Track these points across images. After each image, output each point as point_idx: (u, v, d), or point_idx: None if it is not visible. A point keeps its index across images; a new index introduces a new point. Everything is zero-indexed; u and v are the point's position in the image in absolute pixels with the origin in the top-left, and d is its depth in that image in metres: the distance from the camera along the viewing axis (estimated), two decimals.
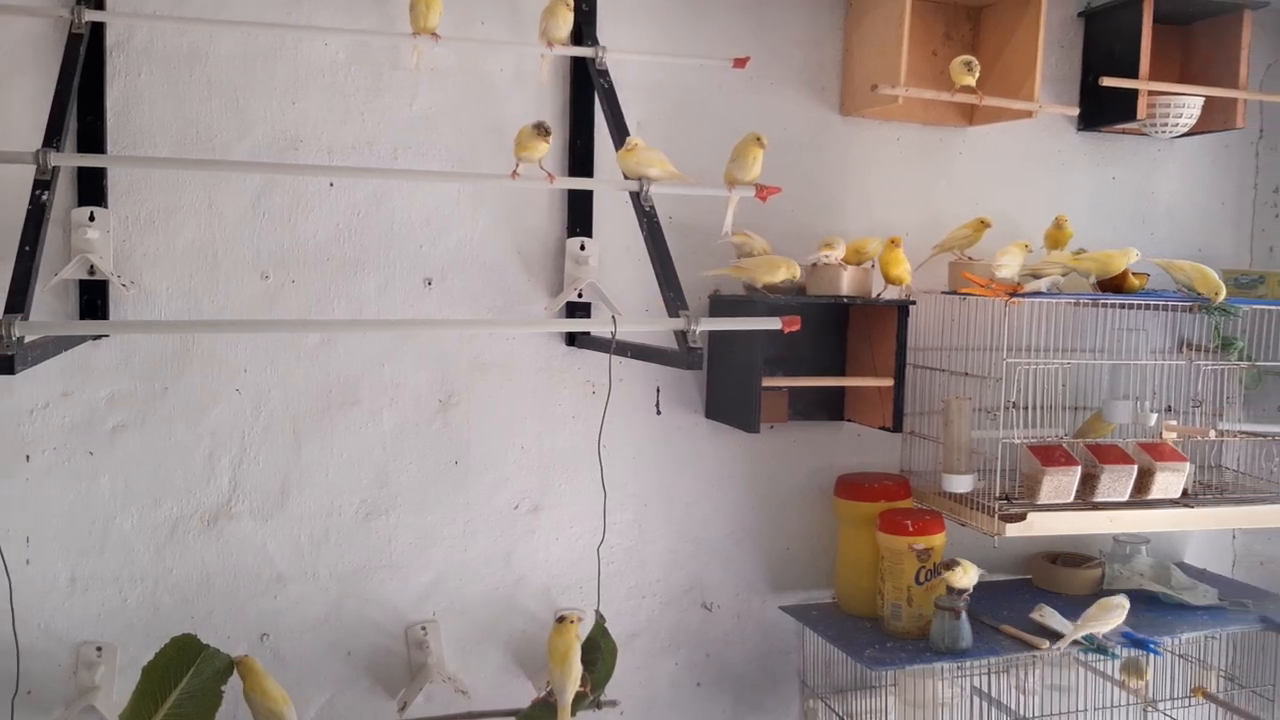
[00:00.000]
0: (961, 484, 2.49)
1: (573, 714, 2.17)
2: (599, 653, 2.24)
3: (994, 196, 2.85)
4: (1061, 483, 2.42)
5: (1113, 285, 2.55)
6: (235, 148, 2.22)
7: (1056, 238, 2.68)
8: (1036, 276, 2.50)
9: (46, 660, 2.16)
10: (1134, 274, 2.56)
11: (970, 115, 2.78)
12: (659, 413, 2.54)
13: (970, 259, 2.64)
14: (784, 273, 2.36)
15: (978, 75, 2.49)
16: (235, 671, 2.01)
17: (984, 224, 2.59)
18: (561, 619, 2.13)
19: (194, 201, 2.20)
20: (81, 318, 2.14)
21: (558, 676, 2.12)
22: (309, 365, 2.30)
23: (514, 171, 1.99)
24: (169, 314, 2.20)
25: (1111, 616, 2.42)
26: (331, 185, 2.29)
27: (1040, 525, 2.41)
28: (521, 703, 2.27)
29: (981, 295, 2.45)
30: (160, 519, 2.23)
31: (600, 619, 2.28)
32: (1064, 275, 2.55)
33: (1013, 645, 2.43)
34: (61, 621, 2.18)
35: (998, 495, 2.43)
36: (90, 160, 2.10)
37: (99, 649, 2.18)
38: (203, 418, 2.24)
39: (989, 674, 2.60)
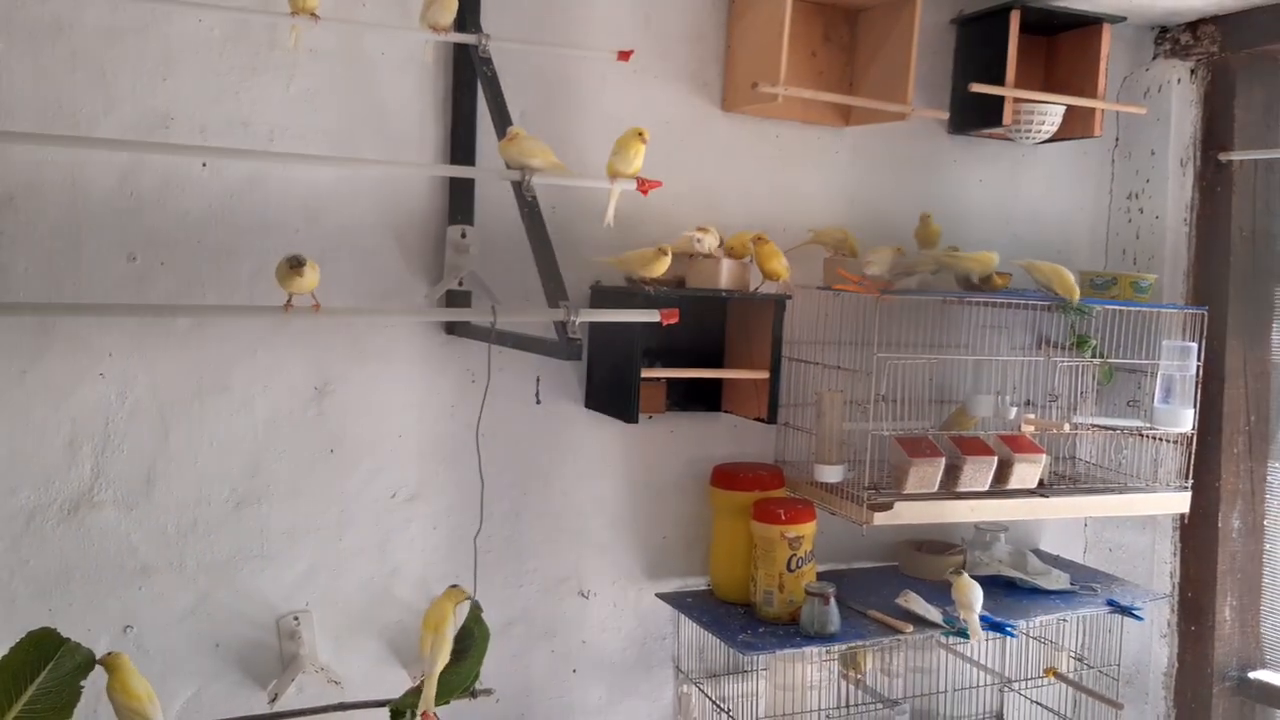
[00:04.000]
0: (833, 474, 2.57)
1: (446, 701, 2.16)
2: (472, 640, 2.24)
3: (869, 195, 2.94)
4: (927, 473, 2.51)
5: (975, 284, 2.65)
6: (101, 124, 2.14)
7: (925, 235, 2.78)
8: (909, 274, 2.59)
9: None
10: (997, 274, 2.66)
11: (847, 116, 2.85)
12: (539, 402, 2.54)
13: (843, 255, 2.72)
14: (659, 267, 2.36)
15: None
16: (98, 666, 1.94)
17: (850, 242, 2.69)
18: (454, 587, 2.11)
19: (56, 179, 2.11)
20: None
21: (428, 644, 2.08)
22: (178, 350, 2.23)
23: (288, 303, 1.82)
24: (28, 295, 2.10)
25: (976, 595, 2.53)
26: (204, 166, 2.22)
27: (907, 514, 2.50)
28: (395, 693, 2.26)
29: (854, 291, 2.53)
30: (16, 508, 2.13)
31: (476, 607, 2.28)
32: (934, 273, 2.64)
33: (879, 629, 2.52)
34: None
35: (867, 485, 2.51)
36: None
37: None
38: (64, 403, 2.15)
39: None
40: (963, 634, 2.53)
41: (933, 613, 2.56)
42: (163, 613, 2.26)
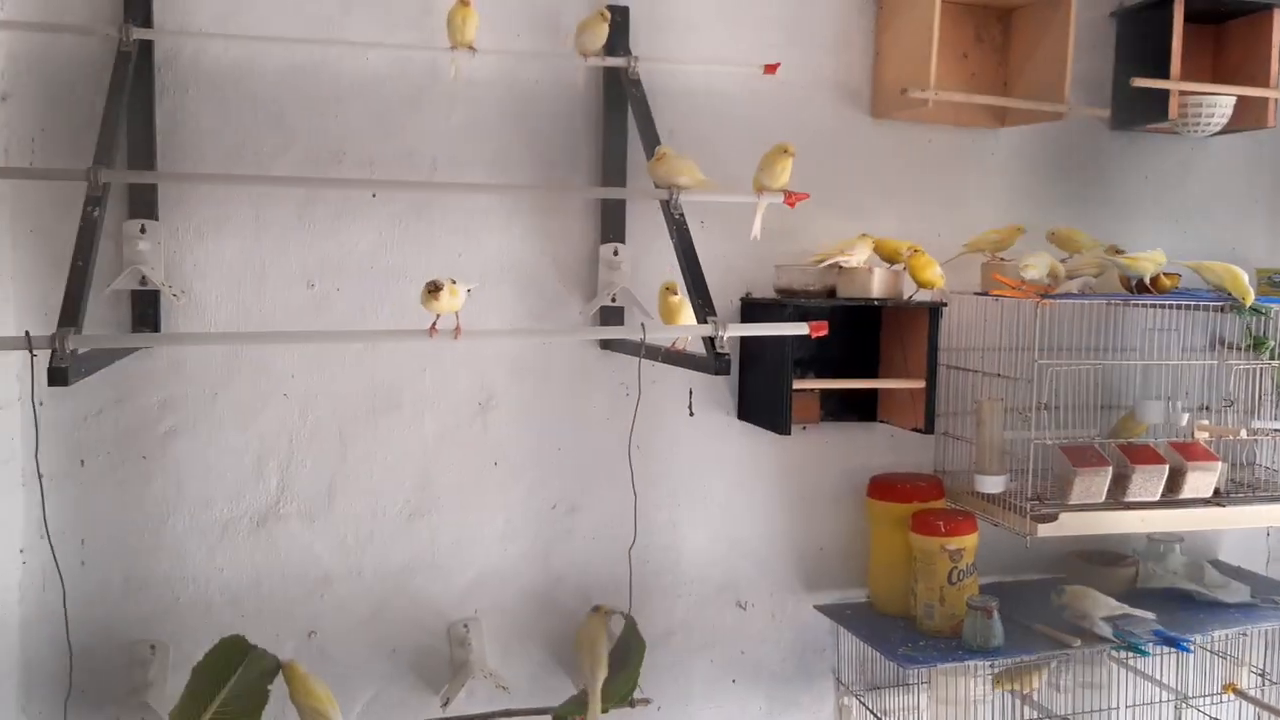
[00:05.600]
0: (994, 484, 2.52)
1: (606, 710, 2.22)
2: (630, 650, 2.29)
3: (1026, 197, 2.87)
4: (1093, 483, 2.43)
5: (1142, 285, 2.56)
6: (279, 160, 2.29)
7: (1071, 245, 2.70)
8: (1070, 277, 2.52)
9: (101, 659, 2.24)
10: (1165, 274, 2.56)
11: (1002, 117, 2.79)
12: (692, 414, 2.57)
13: (1002, 259, 2.66)
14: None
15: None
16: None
17: (1018, 230, 2.62)
18: (596, 608, 2.18)
19: (241, 213, 2.27)
20: (134, 327, 2.21)
21: (585, 663, 2.17)
22: (354, 371, 2.36)
23: (432, 327, 1.84)
24: (218, 322, 2.27)
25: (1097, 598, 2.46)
26: (374, 196, 2.35)
27: (1072, 525, 2.43)
28: (560, 699, 2.33)
29: (1013, 296, 2.47)
30: (211, 520, 2.30)
31: (631, 621, 2.32)
32: (1096, 275, 2.56)
33: (1045, 643, 2.45)
34: (116, 621, 2.26)
35: (1030, 496, 2.45)
36: (138, 177, 2.17)
37: (152, 647, 2.25)
38: (252, 422, 2.31)
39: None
40: (1134, 648, 2.44)
41: (1102, 626, 2.48)
42: (343, 619, 2.39)
